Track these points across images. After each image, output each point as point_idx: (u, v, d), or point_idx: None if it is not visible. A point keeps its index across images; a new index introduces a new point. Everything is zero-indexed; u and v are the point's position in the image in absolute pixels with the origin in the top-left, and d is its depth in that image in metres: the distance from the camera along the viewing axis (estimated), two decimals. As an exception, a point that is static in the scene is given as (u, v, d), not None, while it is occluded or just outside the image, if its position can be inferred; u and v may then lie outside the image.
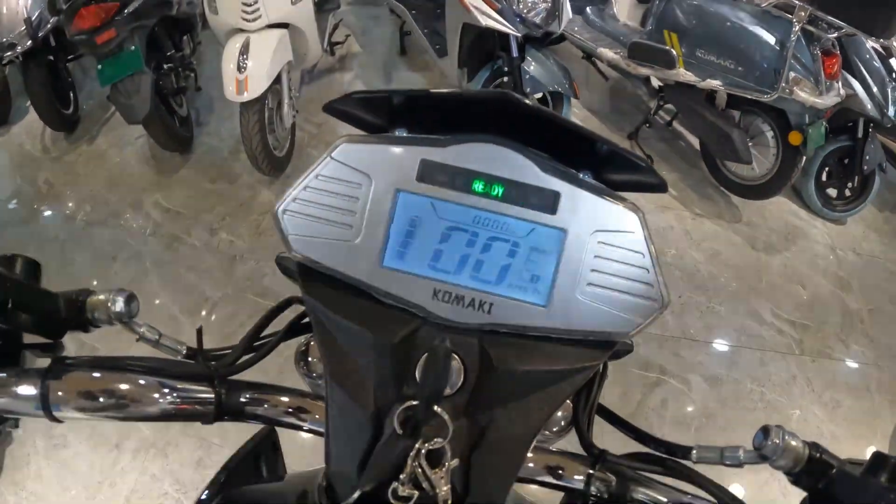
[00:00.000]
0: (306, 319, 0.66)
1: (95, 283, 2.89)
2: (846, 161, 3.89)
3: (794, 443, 0.51)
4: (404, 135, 0.48)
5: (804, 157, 3.53)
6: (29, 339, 0.61)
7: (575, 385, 0.47)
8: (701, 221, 3.72)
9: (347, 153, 0.48)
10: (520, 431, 0.46)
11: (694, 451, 0.57)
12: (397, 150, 0.47)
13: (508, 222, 0.47)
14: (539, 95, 3.37)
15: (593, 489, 0.58)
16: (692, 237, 3.58)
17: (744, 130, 3.58)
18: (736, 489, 1.43)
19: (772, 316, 3.23)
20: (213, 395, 0.59)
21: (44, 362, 0.59)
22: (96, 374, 0.58)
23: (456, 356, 0.45)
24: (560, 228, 0.46)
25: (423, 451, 0.42)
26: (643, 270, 0.46)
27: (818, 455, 0.52)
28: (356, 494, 0.45)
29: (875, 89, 3.62)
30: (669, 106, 3.98)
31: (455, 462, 0.44)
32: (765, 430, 0.52)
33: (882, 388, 3.06)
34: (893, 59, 3.87)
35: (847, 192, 4.00)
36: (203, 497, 0.64)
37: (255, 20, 3.08)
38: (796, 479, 0.53)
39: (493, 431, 0.46)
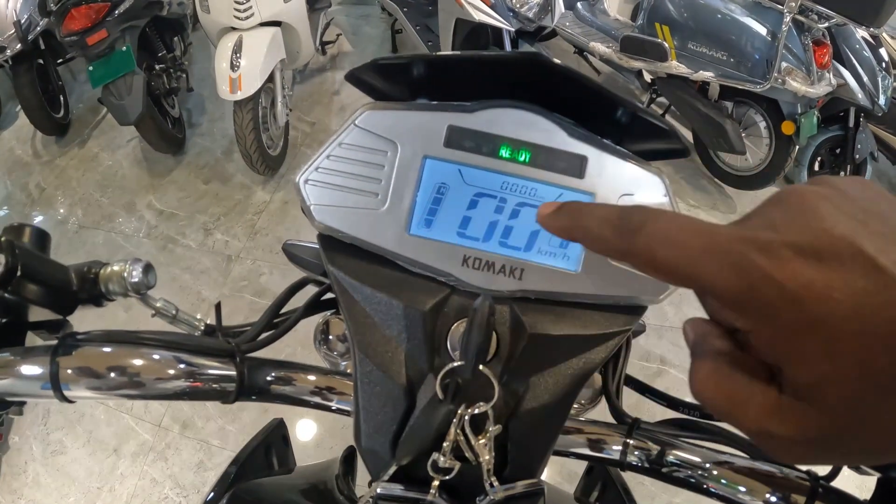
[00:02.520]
0: (325, 297, 0.65)
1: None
2: (838, 150, 3.90)
3: None
4: (431, 102, 0.48)
5: (797, 147, 3.55)
6: (34, 319, 0.58)
7: (608, 350, 0.46)
8: (695, 213, 3.71)
9: (371, 120, 0.47)
10: (556, 399, 0.45)
11: None
12: (423, 116, 0.46)
13: (537, 187, 0.46)
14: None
15: (631, 458, 0.57)
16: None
17: (737, 121, 3.59)
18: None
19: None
20: (234, 373, 0.57)
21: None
22: (109, 349, 0.55)
23: (489, 326, 0.44)
24: (588, 192, 0.46)
25: (466, 416, 0.42)
26: None
27: None
28: (392, 469, 0.44)
29: (865, 78, 3.64)
30: (662, 99, 3.98)
31: (498, 428, 0.43)
32: None
33: None
34: (883, 48, 3.89)
35: (850, 177, 4.01)
36: (213, 492, 0.63)
37: (247, 18, 3.07)
38: None
39: (530, 400, 0.45)
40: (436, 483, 0.43)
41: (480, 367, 0.40)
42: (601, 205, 0.34)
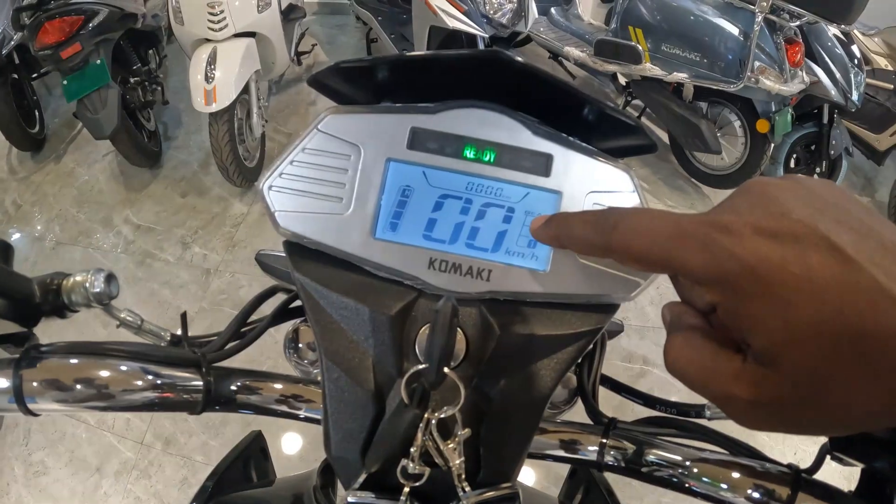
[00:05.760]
0: (292, 305, 0.64)
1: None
2: (813, 147, 3.94)
3: None
4: (393, 105, 0.47)
5: (772, 145, 3.58)
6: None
7: (580, 350, 0.46)
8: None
9: (334, 124, 0.46)
10: (528, 401, 0.45)
11: (707, 409, 0.57)
12: (386, 119, 0.46)
13: (502, 187, 0.46)
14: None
15: (608, 458, 0.56)
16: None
17: (712, 121, 3.62)
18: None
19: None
20: (201, 383, 0.56)
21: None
22: (74, 361, 0.53)
23: (459, 328, 0.43)
24: (555, 191, 0.45)
25: (433, 420, 0.41)
26: None
27: None
28: (362, 477, 0.43)
29: (838, 75, 3.68)
30: (637, 102, 4.01)
31: (467, 432, 0.42)
32: None
33: None
34: (854, 45, 3.94)
35: (815, 177, 4.06)
36: None
37: (221, 29, 3.07)
38: None
39: (501, 402, 0.44)
40: (406, 490, 0.42)
41: (445, 370, 0.39)
42: (582, 212, 0.38)
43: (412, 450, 0.41)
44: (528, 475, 2.17)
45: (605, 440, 0.56)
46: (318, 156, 0.46)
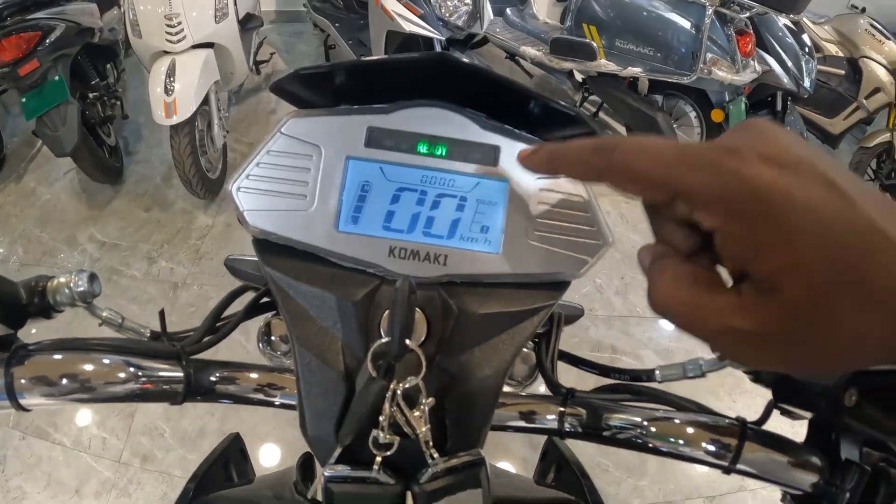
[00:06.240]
0: (263, 300, 0.67)
1: (34, 330, 2.81)
2: (768, 135, 4.04)
3: None
4: (351, 106, 0.50)
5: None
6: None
7: (535, 325, 0.49)
8: (635, 205, 3.74)
9: (296, 127, 0.49)
10: (489, 373, 0.48)
11: (657, 372, 0.61)
12: (344, 120, 0.49)
13: (454, 178, 0.49)
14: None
15: (567, 426, 0.59)
16: (628, 220, 3.66)
17: (668, 113, 3.70)
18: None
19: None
20: (181, 374, 0.58)
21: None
22: (60, 357, 0.55)
23: (418, 310, 0.46)
24: (503, 179, 0.49)
25: (398, 391, 0.44)
26: (585, 213, 0.49)
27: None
28: (337, 452, 0.46)
29: (790, 64, 3.78)
30: (595, 98, 4.07)
31: (431, 401, 0.45)
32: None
33: None
34: (805, 34, 4.04)
35: (795, 136, 4.17)
36: None
37: (179, 41, 3.05)
38: (756, 377, 0.56)
39: (464, 376, 0.48)
40: (378, 459, 0.45)
41: (407, 342, 0.42)
42: (575, 141, 0.37)
43: (381, 420, 0.44)
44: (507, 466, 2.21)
45: (563, 409, 0.59)
46: (282, 157, 0.49)
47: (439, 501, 0.45)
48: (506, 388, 0.57)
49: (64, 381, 0.55)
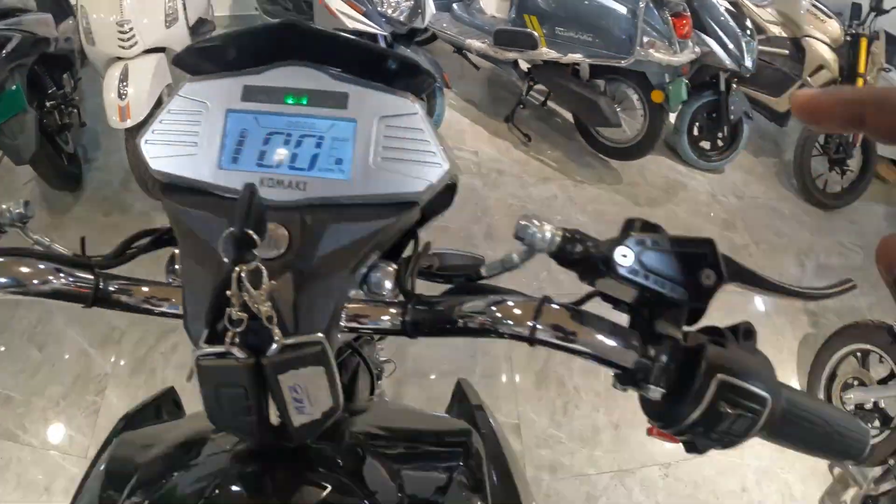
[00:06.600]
0: (168, 236, 0.76)
1: None
2: (714, 115, 4.15)
3: (547, 226, 0.59)
4: (232, 70, 0.63)
5: (669, 114, 3.77)
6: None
7: (385, 236, 0.60)
8: (583, 188, 3.91)
9: (190, 89, 0.63)
10: (339, 271, 0.58)
11: (483, 269, 0.69)
12: (226, 81, 0.62)
13: (314, 122, 0.61)
14: (414, 88, 3.50)
15: (414, 319, 0.63)
16: (576, 202, 3.76)
17: (610, 97, 3.80)
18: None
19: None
20: (92, 279, 0.66)
21: None
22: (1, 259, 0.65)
23: (282, 225, 0.57)
24: (352, 119, 0.60)
25: (243, 273, 0.52)
26: (425, 142, 0.60)
27: (572, 235, 0.59)
28: (205, 334, 0.55)
29: (730, 44, 3.89)
30: (542, 87, 4.18)
31: (273, 283, 0.53)
32: (521, 224, 0.60)
33: (779, 309, 3.34)
34: (746, 15, 4.16)
35: (719, 143, 4.30)
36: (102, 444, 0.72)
37: (131, 46, 3.10)
38: (560, 260, 0.60)
39: (314, 275, 0.57)
40: (230, 334, 0.53)
41: (247, 230, 0.50)
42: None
43: (232, 298, 0.52)
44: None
45: (406, 308, 0.64)
46: (179, 114, 0.62)
47: (286, 374, 0.53)
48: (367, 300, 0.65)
49: (1, 279, 0.65)
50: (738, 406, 0.52)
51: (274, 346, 0.53)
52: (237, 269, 0.51)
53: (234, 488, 0.60)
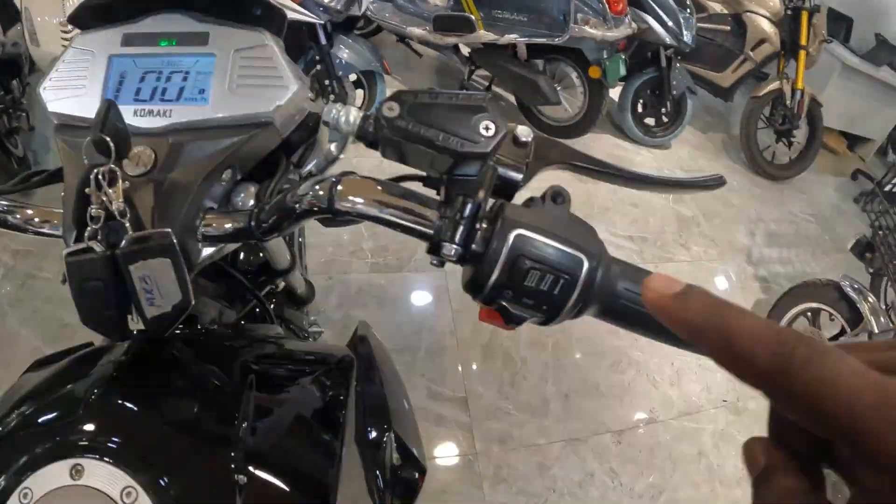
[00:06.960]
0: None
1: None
2: (657, 91, 4.23)
3: (353, 110, 0.62)
4: (114, 22, 0.73)
5: (610, 91, 3.84)
6: None
7: (243, 153, 0.69)
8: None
9: (81, 41, 0.72)
10: (192, 179, 0.65)
11: (311, 167, 0.78)
12: (109, 31, 0.72)
13: (182, 59, 0.70)
14: (354, 77, 3.56)
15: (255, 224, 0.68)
16: (520, 181, 3.80)
17: (549, 76, 3.87)
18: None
19: (608, 234, 3.45)
20: None
21: None
22: None
23: (150, 147, 0.65)
24: (211, 54, 0.70)
25: (101, 173, 0.58)
26: (274, 69, 0.68)
27: (370, 116, 0.60)
28: (73, 233, 0.61)
29: (668, 20, 3.97)
30: (486, 73, 4.24)
31: (126, 184, 0.60)
32: (326, 109, 0.63)
33: (740, 275, 3.40)
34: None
35: (664, 119, 4.37)
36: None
37: (75, 47, 3.15)
38: (366, 142, 0.61)
39: (174, 183, 0.64)
40: (89, 228, 0.58)
41: (102, 135, 0.56)
42: (749, 313, 0.27)
43: (91, 196, 0.58)
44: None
45: (254, 210, 0.66)
46: (71, 63, 0.72)
47: (136, 264, 0.59)
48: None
49: None
50: (543, 263, 0.50)
51: (125, 239, 0.59)
52: (95, 171, 0.58)
53: (100, 391, 0.63)
